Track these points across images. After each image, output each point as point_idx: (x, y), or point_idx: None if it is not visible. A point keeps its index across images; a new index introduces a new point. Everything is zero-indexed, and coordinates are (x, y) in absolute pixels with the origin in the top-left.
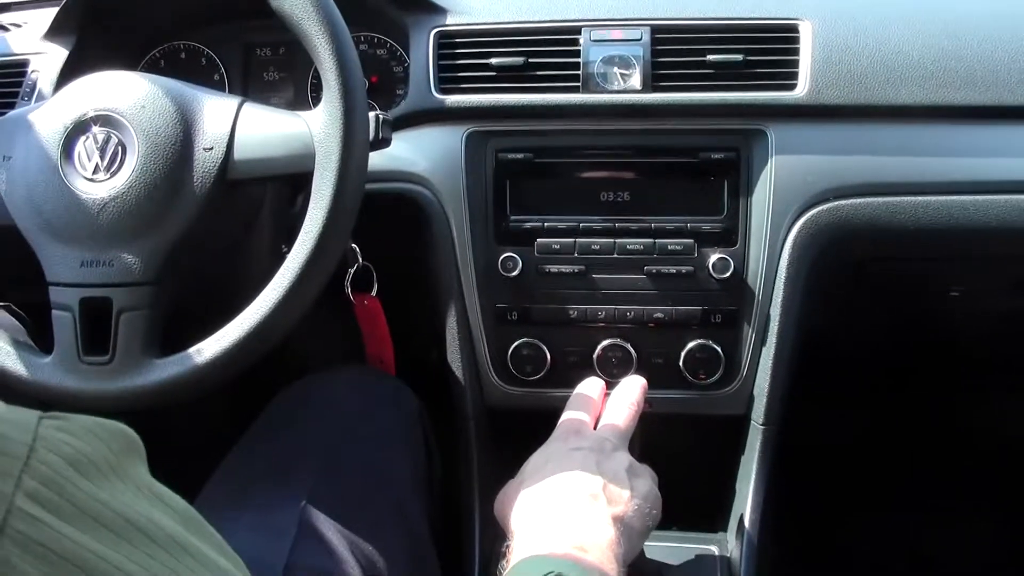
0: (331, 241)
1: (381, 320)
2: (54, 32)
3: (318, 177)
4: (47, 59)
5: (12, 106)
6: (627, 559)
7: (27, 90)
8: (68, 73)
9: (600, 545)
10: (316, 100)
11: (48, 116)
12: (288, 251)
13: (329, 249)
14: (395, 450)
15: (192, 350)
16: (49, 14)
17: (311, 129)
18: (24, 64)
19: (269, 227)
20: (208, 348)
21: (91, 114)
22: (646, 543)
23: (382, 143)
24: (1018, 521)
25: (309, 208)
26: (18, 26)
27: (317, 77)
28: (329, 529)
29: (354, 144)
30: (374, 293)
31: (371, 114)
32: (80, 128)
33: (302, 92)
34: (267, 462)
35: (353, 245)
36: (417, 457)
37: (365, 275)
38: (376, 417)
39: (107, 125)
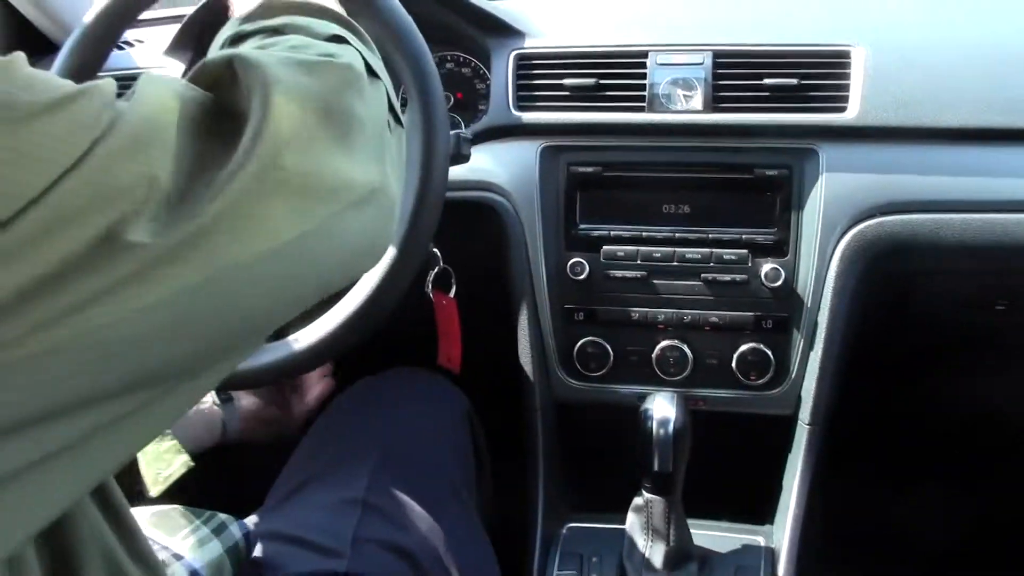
0: (415, 245)
1: (455, 319)
2: (173, 49)
3: (404, 188)
4: (168, 74)
5: None
6: None
7: None
8: None
9: None
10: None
11: None
12: None
13: (413, 252)
14: (445, 443)
15: (292, 338)
16: (169, 32)
17: None
18: None
19: None
20: (305, 337)
21: None
22: (695, 531)
23: (461, 159)
24: None
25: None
26: (141, 42)
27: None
28: (390, 506)
29: (435, 160)
30: (452, 294)
31: (452, 132)
32: None
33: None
34: (332, 452)
35: (435, 249)
36: (466, 451)
37: (444, 277)
38: (427, 414)
39: None
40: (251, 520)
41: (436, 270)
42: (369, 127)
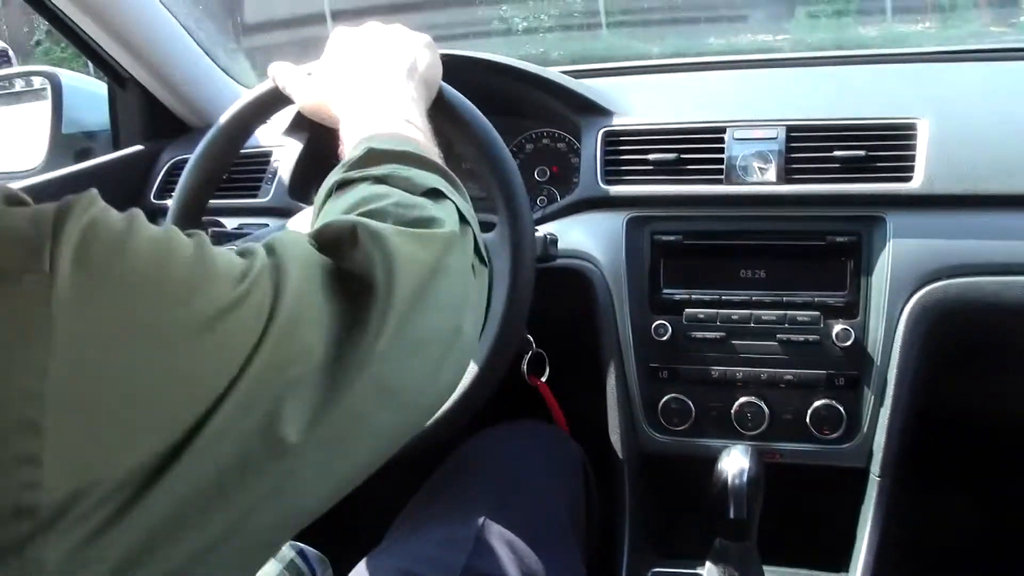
0: (507, 339)
1: (551, 399)
2: (292, 129)
3: (495, 287)
4: (286, 151)
5: (258, 188)
6: (428, 99)
7: (270, 176)
8: (303, 163)
9: (406, 103)
10: None
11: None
12: None
13: (506, 345)
14: (558, 490)
15: None
16: (289, 113)
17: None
18: (268, 155)
19: None
20: None
21: None
22: None
23: (548, 258)
24: None
25: (488, 315)
26: (264, 122)
27: None
28: (500, 545)
29: (523, 264)
30: (545, 379)
31: (539, 234)
32: None
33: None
34: (450, 494)
35: (528, 336)
36: (577, 497)
37: (538, 360)
38: (542, 461)
39: None
40: (373, 556)
41: (529, 354)
42: (456, 280)
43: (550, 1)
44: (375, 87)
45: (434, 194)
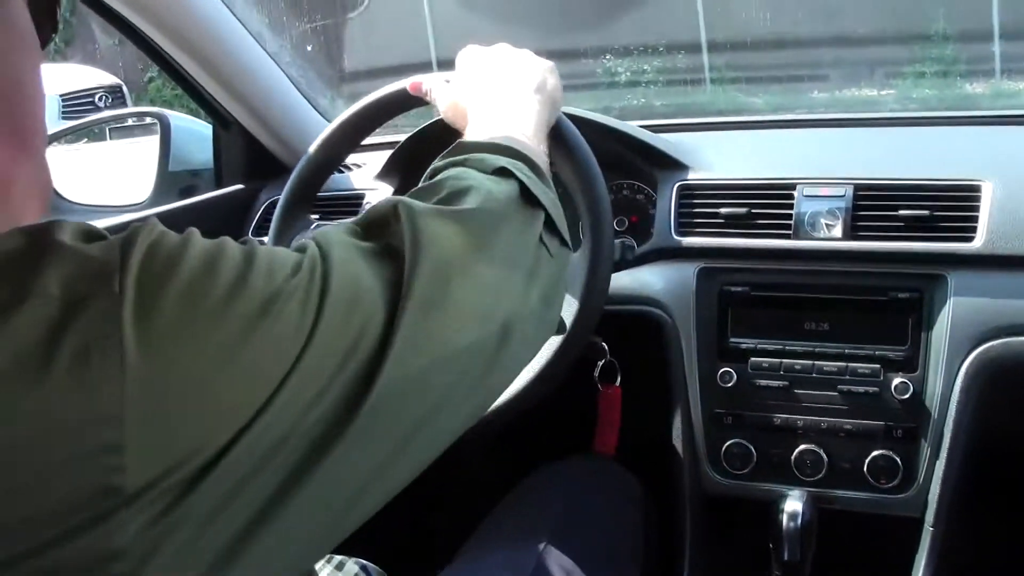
0: (579, 333)
1: (618, 407)
2: (384, 174)
3: (578, 286)
4: (378, 195)
5: None
6: (552, 116)
7: None
8: None
9: (531, 121)
10: None
11: None
12: None
13: (577, 338)
14: (617, 524)
15: None
16: (382, 158)
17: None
18: (361, 197)
19: None
20: None
21: None
22: None
23: (625, 264)
24: None
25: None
26: (359, 166)
27: None
28: (558, 572)
29: (600, 265)
30: (617, 384)
31: (617, 241)
32: None
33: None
34: (513, 523)
35: (603, 344)
36: (636, 532)
37: (611, 368)
38: (601, 496)
39: None
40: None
41: (603, 362)
42: (501, 256)
43: (655, 55)
44: (505, 102)
45: (501, 172)
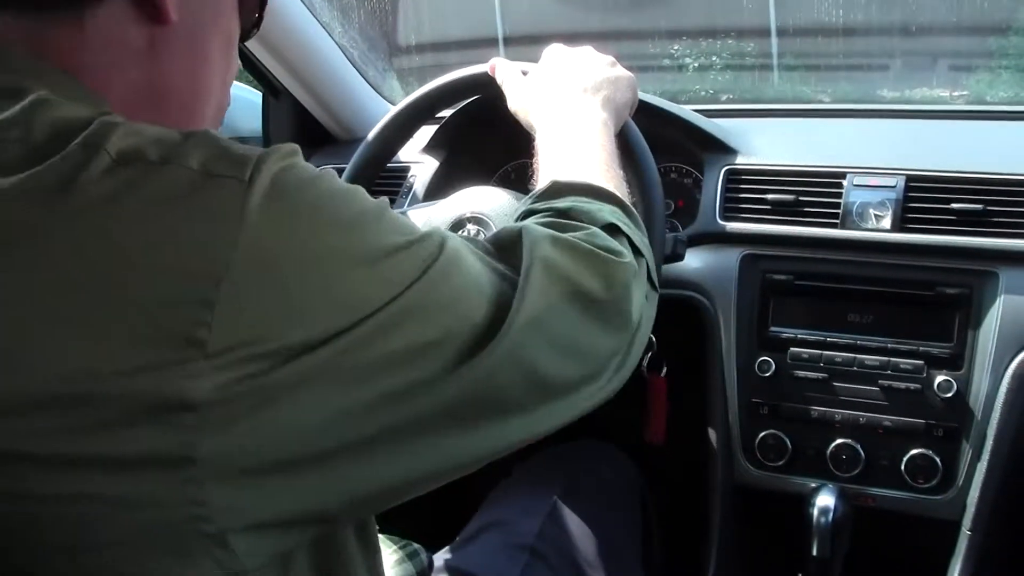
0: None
1: (663, 395)
2: (430, 148)
3: None
4: (423, 168)
5: (393, 201)
6: (616, 128)
7: (405, 190)
8: (437, 180)
9: (599, 127)
10: None
11: (439, 213)
12: None
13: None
14: (614, 507)
15: None
16: (428, 132)
17: None
18: (406, 170)
19: None
20: None
21: (467, 215)
22: None
23: (676, 258)
24: None
25: None
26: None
27: None
28: (555, 557)
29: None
30: (663, 374)
31: (669, 235)
32: (459, 224)
33: None
34: (512, 502)
35: (652, 336)
36: (634, 518)
37: (657, 359)
38: (601, 480)
39: (478, 224)
40: (441, 554)
41: (651, 353)
42: (615, 306)
43: (723, 42)
44: (576, 108)
45: (611, 229)
